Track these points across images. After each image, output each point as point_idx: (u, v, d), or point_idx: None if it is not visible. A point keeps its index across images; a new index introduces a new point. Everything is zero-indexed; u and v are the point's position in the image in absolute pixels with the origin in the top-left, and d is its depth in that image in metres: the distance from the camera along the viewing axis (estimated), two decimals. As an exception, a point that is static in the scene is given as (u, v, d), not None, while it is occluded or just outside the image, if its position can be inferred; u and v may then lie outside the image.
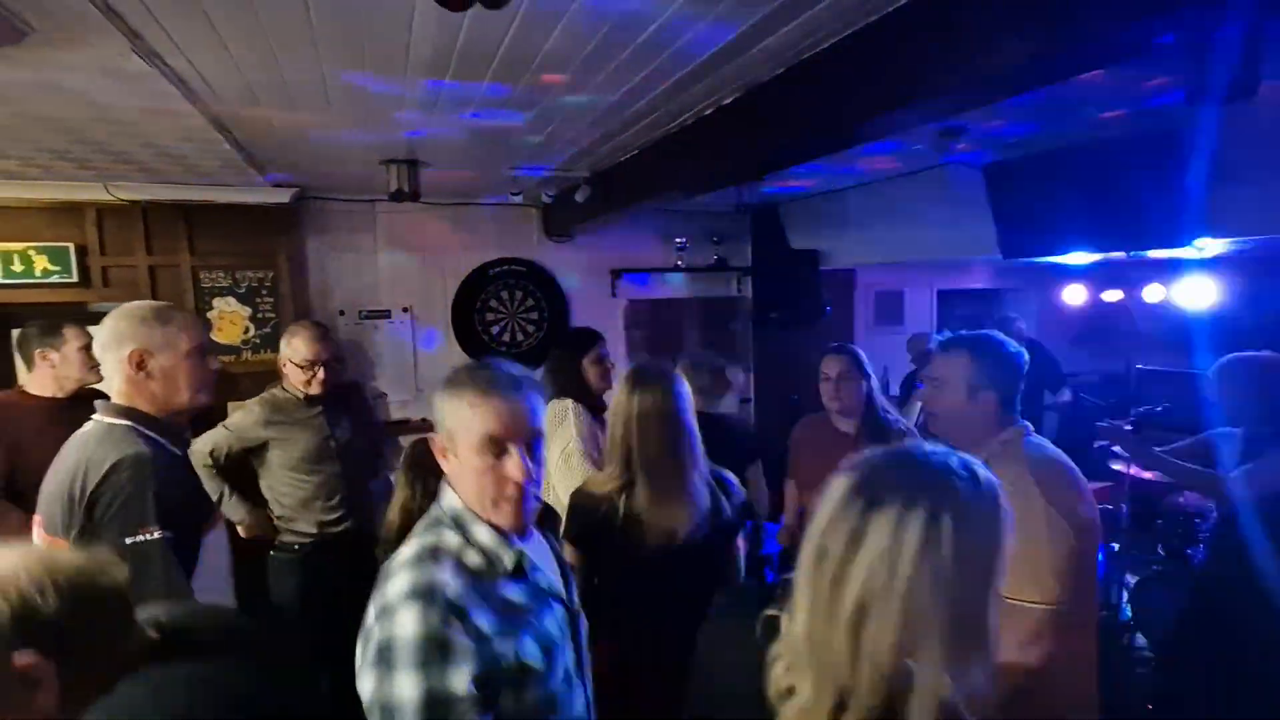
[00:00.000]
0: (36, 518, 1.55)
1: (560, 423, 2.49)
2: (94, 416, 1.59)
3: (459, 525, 1.13)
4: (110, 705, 0.79)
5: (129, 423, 1.55)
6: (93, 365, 2.69)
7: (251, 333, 3.82)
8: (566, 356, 2.69)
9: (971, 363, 1.58)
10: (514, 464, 1.10)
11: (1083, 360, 5.92)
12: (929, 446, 0.88)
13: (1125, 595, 3.39)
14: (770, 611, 0.91)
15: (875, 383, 2.61)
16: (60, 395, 2.68)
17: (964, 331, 1.68)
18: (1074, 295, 5.46)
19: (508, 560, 1.13)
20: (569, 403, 2.54)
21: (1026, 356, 1.61)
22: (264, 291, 3.83)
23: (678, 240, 4.83)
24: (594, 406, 2.59)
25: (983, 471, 0.86)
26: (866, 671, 0.78)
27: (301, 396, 2.71)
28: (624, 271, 4.84)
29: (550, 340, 4.59)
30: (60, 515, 1.45)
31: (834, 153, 2.45)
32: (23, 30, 1.50)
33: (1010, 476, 1.42)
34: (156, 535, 1.45)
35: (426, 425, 4.11)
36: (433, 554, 1.09)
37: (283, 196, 3.75)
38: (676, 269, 4.86)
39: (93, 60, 1.73)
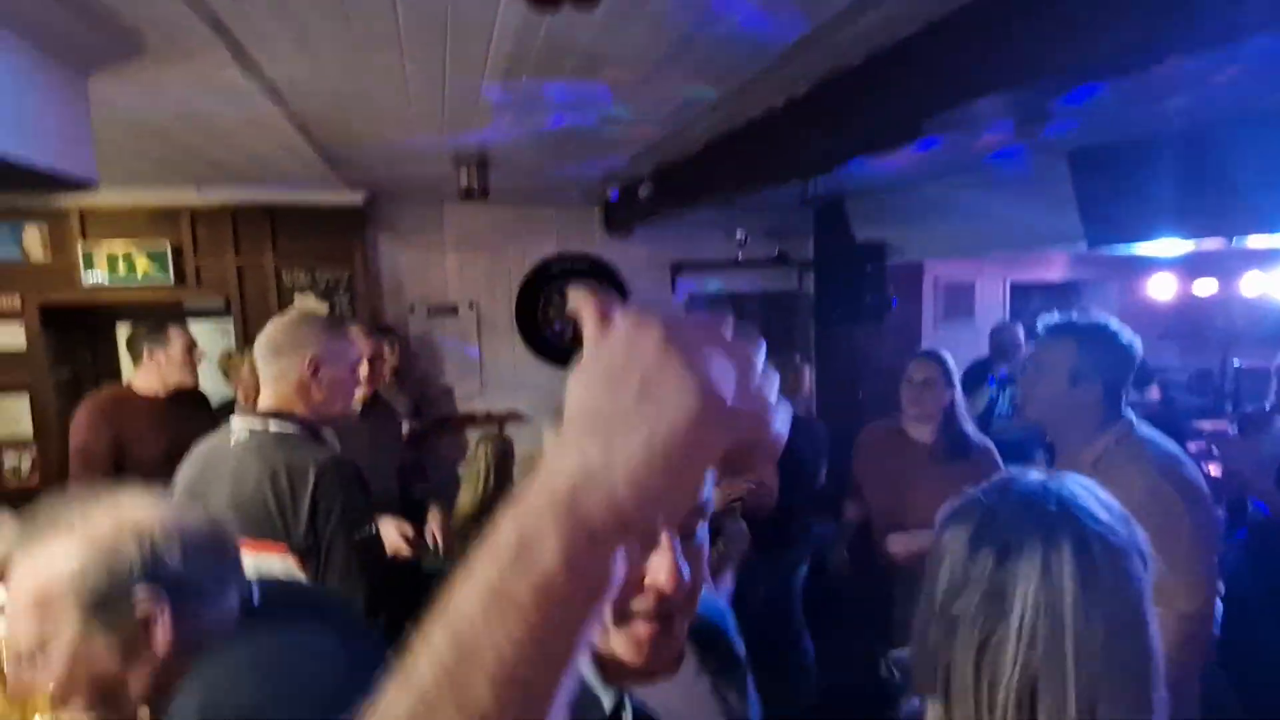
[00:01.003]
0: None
1: None
2: (244, 423, 1.61)
3: None
4: (215, 661, 0.87)
5: (296, 428, 1.60)
6: (193, 366, 2.83)
7: None
8: None
9: (1078, 349, 1.52)
10: (663, 565, 0.61)
11: (1170, 356, 5.57)
12: (1035, 474, 0.76)
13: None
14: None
15: (959, 394, 2.50)
16: (162, 394, 2.78)
17: (1075, 317, 1.61)
18: (1161, 287, 5.14)
19: (605, 701, 0.67)
20: None
21: (1139, 347, 1.53)
22: (340, 289, 4.00)
23: (738, 234, 4.78)
24: None
25: (1100, 490, 0.75)
26: None
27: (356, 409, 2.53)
28: (684, 266, 4.84)
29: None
30: (265, 520, 1.50)
31: (909, 144, 2.38)
32: (138, 46, 1.61)
33: (1140, 481, 1.38)
34: (373, 531, 1.60)
35: (492, 419, 4.25)
36: None
37: (357, 198, 3.91)
38: (737, 264, 4.82)
39: (197, 73, 1.84)
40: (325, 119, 2.41)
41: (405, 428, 3.09)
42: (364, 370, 2.46)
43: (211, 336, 4.20)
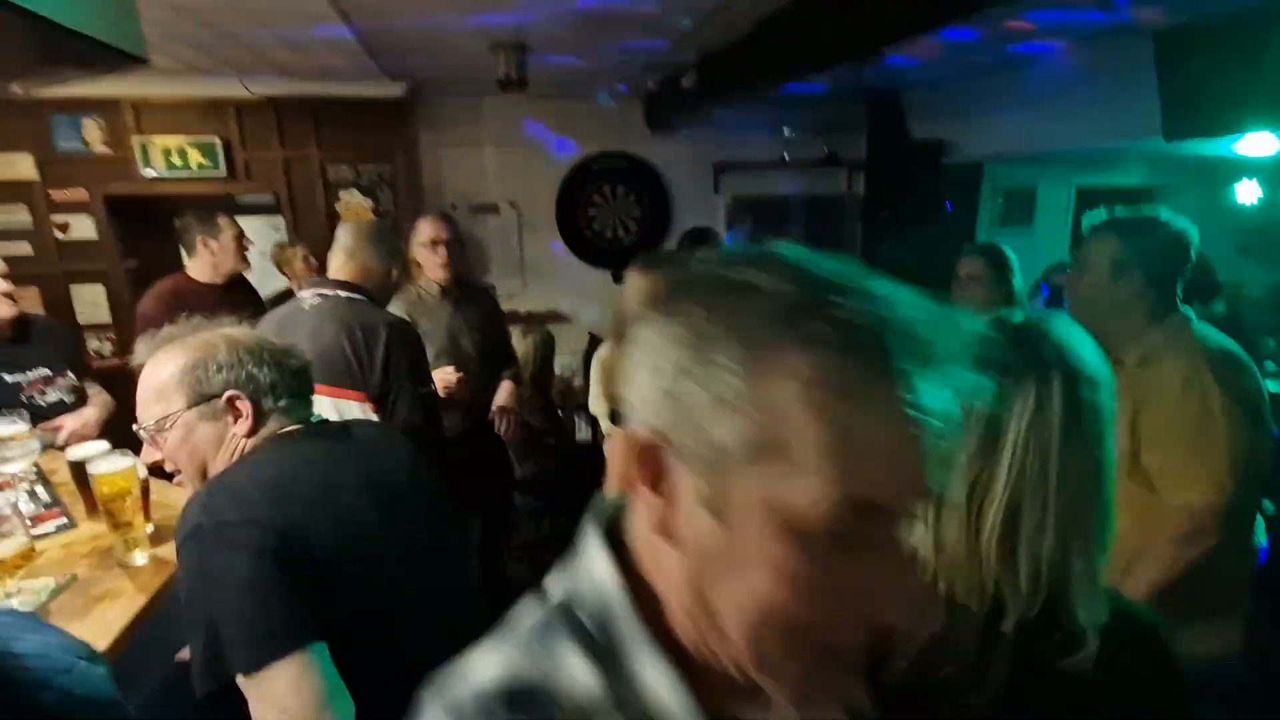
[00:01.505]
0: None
1: None
2: (320, 292, 1.88)
3: (609, 649, 0.45)
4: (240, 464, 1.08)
5: (364, 296, 1.87)
6: (243, 254, 2.94)
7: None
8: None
9: (1119, 241, 1.46)
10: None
11: (1250, 270, 5.22)
12: (1022, 314, 0.77)
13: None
14: None
15: (1018, 291, 2.39)
16: (218, 281, 2.88)
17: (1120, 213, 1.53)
18: (1246, 193, 4.75)
19: None
20: None
21: (1193, 236, 1.46)
22: (384, 184, 4.04)
23: (785, 132, 4.58)
24: None
25: (1086, 336, 0.76)
26: (1025, 575, 0.69)
27: (435, 290, 2.63)
28: (727, 166, 4.69)
29: (651, 237, 4.59)
30: (343, 371, 1.75)
31: (976, 16, 2.20)
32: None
33: (1182, 368, 1.37)
34: (432, 388, 1.87)
35: (533, 317, 4.34)
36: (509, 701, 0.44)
37: (397, 90, 3.86)
38: (783, 164, 4.65)
39: (232, -56, 1.81)
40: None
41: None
42: (443, 254, 2.56)
43: (263, 231, 4.33)
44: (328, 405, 1.76)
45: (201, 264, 2.86)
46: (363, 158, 3.99)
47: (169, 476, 1.21)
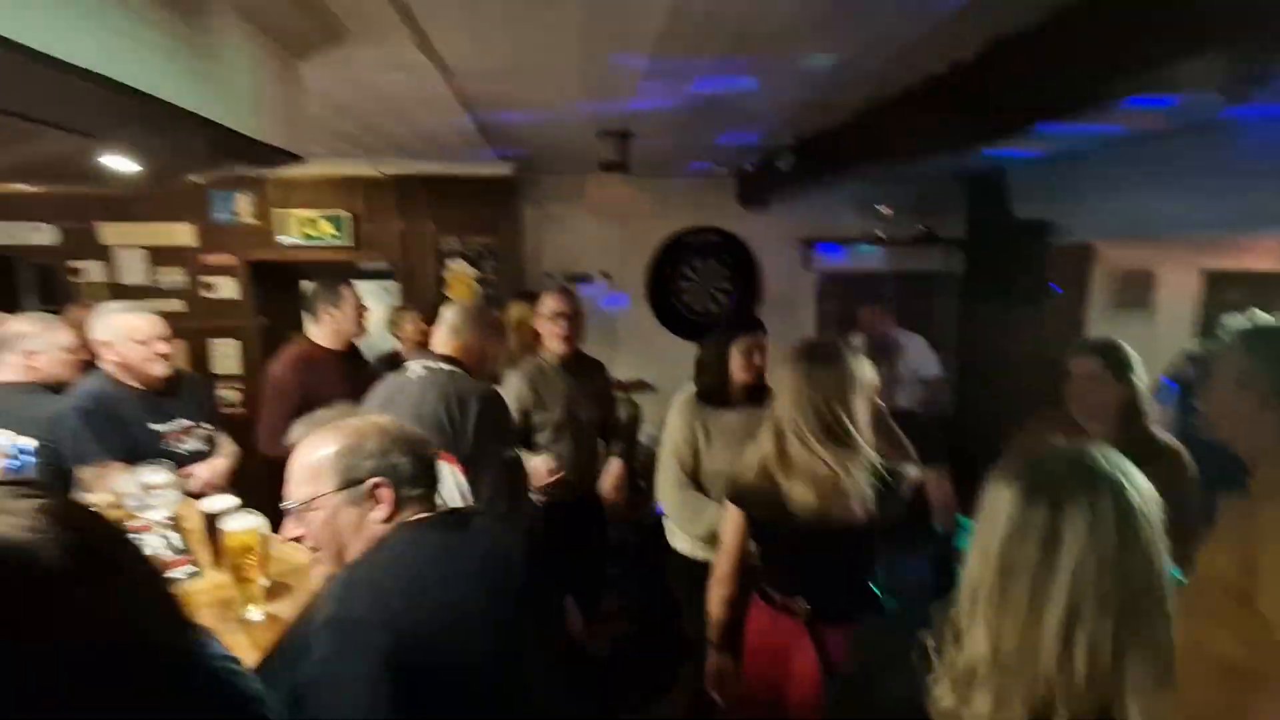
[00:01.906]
0: None
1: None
2: (422, 364, 2.07)
3: None
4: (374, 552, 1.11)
5: (463, 370, 2.03)
6: (361, 323, 3.13)
7: (478, 293, 4.32)
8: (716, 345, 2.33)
9: (1244, 347, 1.34)
10: None
11: None
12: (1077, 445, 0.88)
13: None
14: (928, 636, 0.88)
15: (1141, 389, 2.17)
16: (338, 347, 3.00)
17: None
18: None
19: None
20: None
21: None
22: (488, 255, 4.30)
23: (881, 209, 4.56)
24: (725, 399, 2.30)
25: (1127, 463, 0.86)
26: (1080, 676, 0.77)
27: (556, 362, 2.67)
28: (817, 242, 4.69)
29: (741, 310, 4.62)
30: (436, 436, 1.84)
31: (1093, 110, 2.15)
32: (340, 32, 1.82)
33: None
34: (516, 453, 2.01)
35: (621, 387, 4.40)
36: None
37: (505, 169, 4.15)
38: (876, 240, 4.60)
39: (383, 56, 2.04)
40: (485, 93, 2.58)
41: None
42: (565, 327, 2.64)
43: (376, 294, 4.69)
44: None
45: (324, 330, 3.06)
46: (470, 230, 4.28)
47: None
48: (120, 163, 1.95)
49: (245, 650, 1.46)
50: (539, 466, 2.50)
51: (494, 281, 4.28)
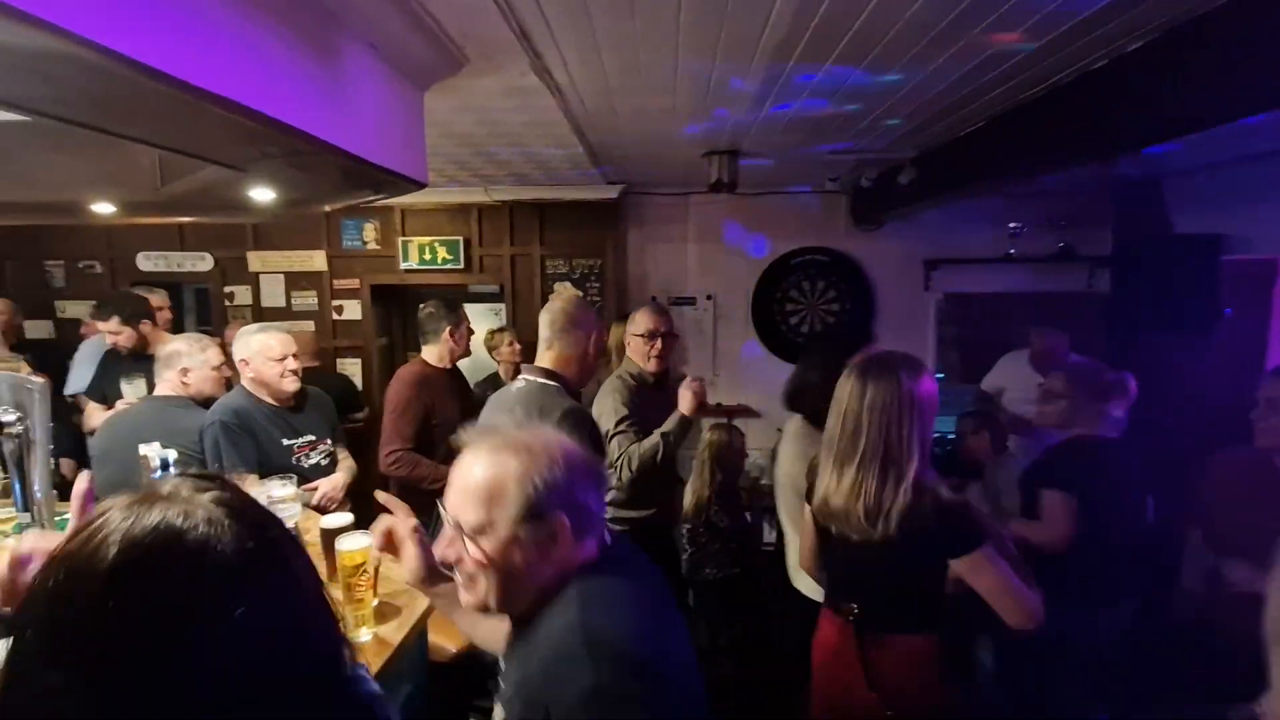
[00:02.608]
0: None
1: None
2: (525, 378, 2.06)
3: None
4: (591, 585, 1.00)
5: (558, 385, 2.00)
6: (467, 345, 3.22)
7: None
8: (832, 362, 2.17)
9: None
10: None
11: None
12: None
13: None
14: None
15: None
16: (447, 365, 3.14)
17: None
18: None
19: None
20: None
21: None
22: (593, 277, 4.33)
23: (1011, 226, 4.19)
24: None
25: None
26: None
27: (649, 380, 2.63)
28: (940, 262, 4.37)
29: (851, 333, 4.37)
30: None
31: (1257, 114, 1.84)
32: (461, 61, 1.86)
33: None
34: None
35: (723, 411, 4.28)
36: None
37: (612, 192, 4.18)
38: (1008, 259, 4.23)
39: (500, 82, 2.08)
40: (597, 117, 2.58)
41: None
42: (658, 346, 2.61)
43: (484, 315, 4.84)
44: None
45: (438, 350, 3.18)
46: (577, 253, 4.34)
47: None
48: (264, 194, 2.09)
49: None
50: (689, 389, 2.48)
51: (599, 304, 4.30)
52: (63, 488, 1.76)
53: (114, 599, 0.59)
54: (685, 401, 2.47)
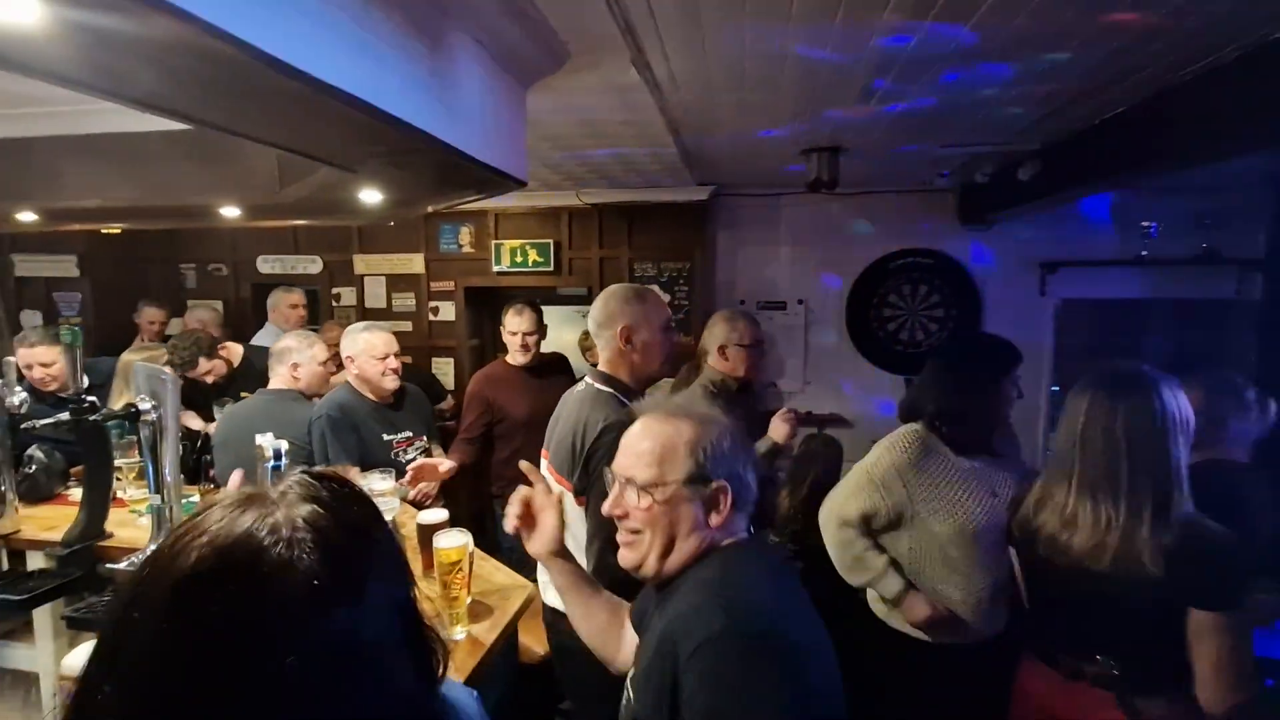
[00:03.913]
0: (545, 452, 1.89)
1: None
2: (585, 380, 1.86)
3: None
4: (733, 565, 1.03)
5: (612, 390, 1.76)
6: (525, 343, 3.13)
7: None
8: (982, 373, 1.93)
9: None
10: None
11: None
12: None
13: None
14: None
15: None
16: (521, 364, 3.15)
17: None
18: None
19: None
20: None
21: None
22: (681, 281, 4.26)
23: (1144, 224, 3.79)
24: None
25: None
26: None
27: (734, 387, 2.52)
28: (1059, 265, 4.01)
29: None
30: (566, 461, 1.73)
31: None
32: (563, 58, 1.84)
33: None
34: None
35: (813, 419, 4.10)
36: None
37: (702, 194, 4.10)
38: (1139, 261, 3.83)
39: (599, 79, 2.05)
40: (694, 113, 2.52)
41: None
42: (755, 355, 2.51)
43: (570, 318, 4.87)
44: (552, 486, 1.73)
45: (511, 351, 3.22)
46: (665, 256, 4.29)
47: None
48: (371, 195, 2.16)
49: (448, 675, 1.45)
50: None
51: (685, 307, 4.23)
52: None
53: (171, 616, 0.54)
54: (779, 431, 2.37)
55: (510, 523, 1.29)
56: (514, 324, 3.13)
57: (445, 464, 2.73)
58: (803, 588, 1.05)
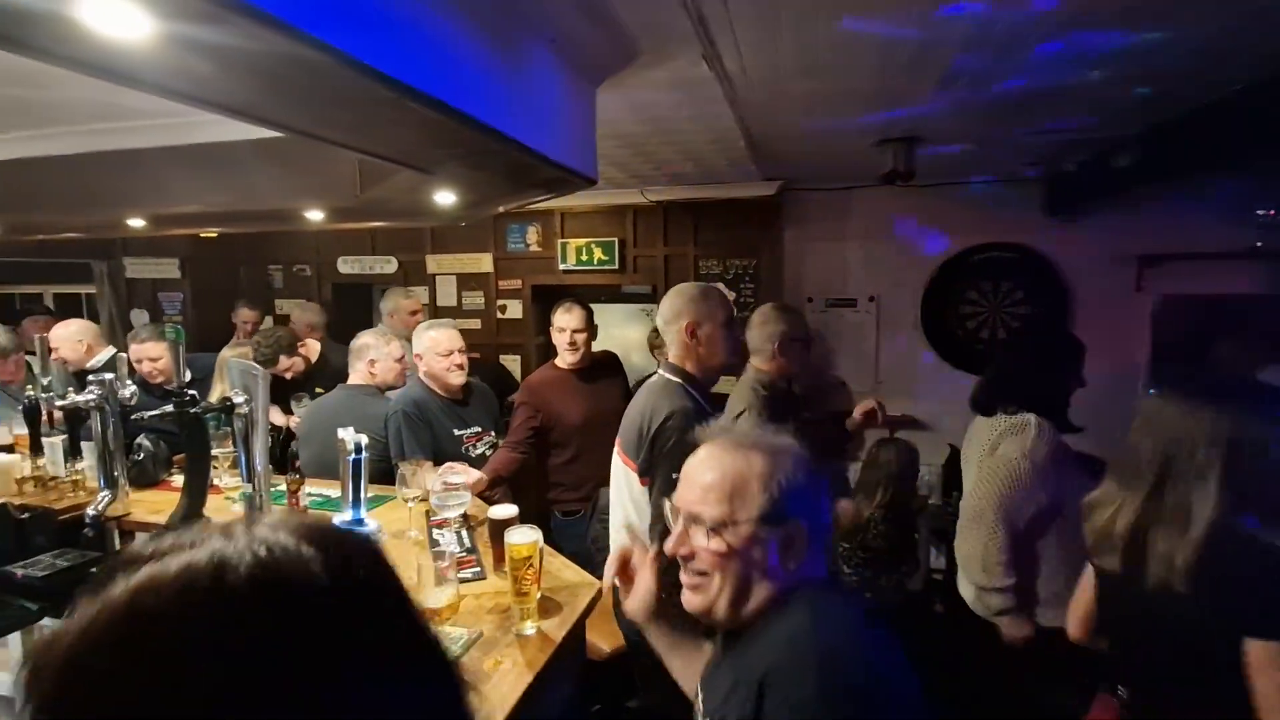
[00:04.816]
0: (618, 440, 2.00)
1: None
2: (659, 371, 1.99)
3: None
4: (823, 611, 0.94)
5: (680, 380, 1.90)
6: (566, 341, 3.02)
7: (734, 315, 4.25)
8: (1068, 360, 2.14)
9: None
10: None
11: None
12: None
13: None
14: None
15: None
16: (569, 367, 3.03)
17: None
18: None
19: None
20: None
21: None
22: (747, 278, 4.20)
23: (1259, 213, 3.47)
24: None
25: None
26: None
27: (785, 385, 2.48)
28: (1158, 258, 3.72)
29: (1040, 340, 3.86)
30: (633, 443, 1.88)
31: None
32: (633, 54, 1.83)
33: None
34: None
35: (885, 420, 3.95)
36: None
37: (770, 189, 4.02)
38: (1253, 254, 3.50)
39: (669, 74, 2.03)
40: (764, 106, 2.46)
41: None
42: (804, 351, 2.51)
43: (635, 316, 4.88)
44: (619, 469, 1.98)
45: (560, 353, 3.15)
46: (731, 253, 4.23)
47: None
48: (446, 197, 2.21)
49: (520, 672, 1.45)
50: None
51: (751, 305, 4.16)
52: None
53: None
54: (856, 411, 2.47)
55: (608, 577, 1.30)
56: (562, 321, 3.02)
57: (472, 475, 2.66)
58: (892, 633, 0.97)
